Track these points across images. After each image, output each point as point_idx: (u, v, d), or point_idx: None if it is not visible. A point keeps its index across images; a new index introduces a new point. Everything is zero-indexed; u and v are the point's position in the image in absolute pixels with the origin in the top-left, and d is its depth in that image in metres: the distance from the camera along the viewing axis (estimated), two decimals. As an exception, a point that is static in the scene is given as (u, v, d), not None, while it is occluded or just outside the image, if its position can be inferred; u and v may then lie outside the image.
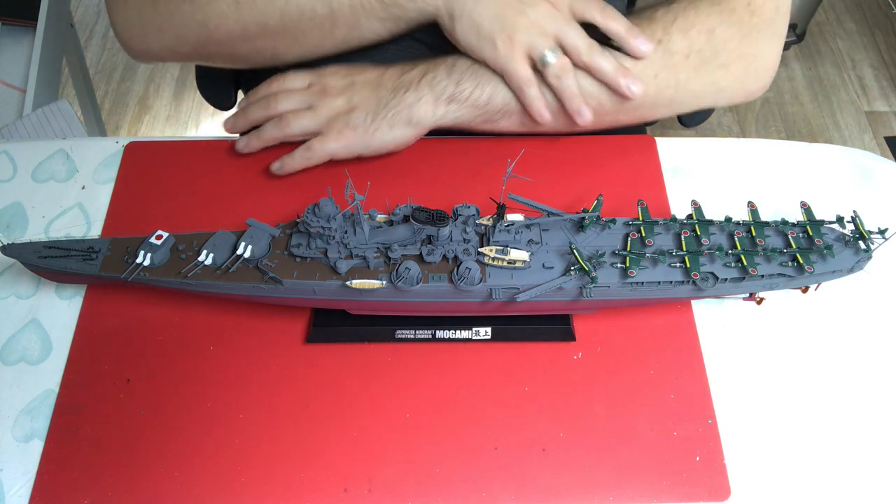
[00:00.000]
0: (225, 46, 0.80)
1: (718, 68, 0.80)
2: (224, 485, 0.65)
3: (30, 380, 0.70)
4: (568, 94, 0.76)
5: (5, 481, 0.65)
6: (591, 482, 0.65)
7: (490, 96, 0.78)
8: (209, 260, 0.67)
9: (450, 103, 0.78)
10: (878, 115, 2.23)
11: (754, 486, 0.65)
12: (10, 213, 0.82)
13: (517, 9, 0.74)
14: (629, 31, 0.77)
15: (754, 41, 0.81)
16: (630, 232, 0.70)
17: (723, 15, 0.79)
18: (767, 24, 0.81)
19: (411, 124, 0.78)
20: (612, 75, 0.76)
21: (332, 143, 0.78)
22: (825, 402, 0.70)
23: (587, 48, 0.75)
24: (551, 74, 0.75)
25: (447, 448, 0.66)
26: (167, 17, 0.79)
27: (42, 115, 1.24)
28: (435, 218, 0.65)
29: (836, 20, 2.50)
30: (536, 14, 0.74)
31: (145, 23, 0.80)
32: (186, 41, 0.81)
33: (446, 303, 0.68)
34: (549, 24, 0.75)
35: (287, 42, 0.79)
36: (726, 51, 0.80)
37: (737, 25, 0.80)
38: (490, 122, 0.80)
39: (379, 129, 0.78)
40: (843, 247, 0.71)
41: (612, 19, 0.77)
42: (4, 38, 1.38)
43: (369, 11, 0.76)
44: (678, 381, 0.70)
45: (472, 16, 0.74)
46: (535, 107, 0.77)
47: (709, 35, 0.79)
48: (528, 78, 0.76)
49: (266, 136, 0.82)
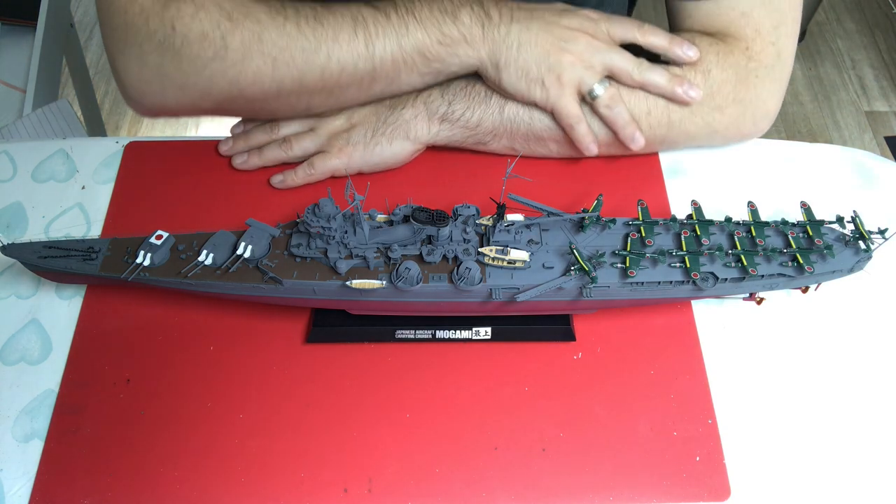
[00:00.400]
0: (256, 103, 0.77)
1: (713, 110, 0.79)
2: (224, 485, 0.65)
3: (30, 380, 0.70)
4: (620, 123, 0.77)
5: (5, 481, 0.65)
6: (591, 482, 0.65)
7: (480, 119, 0.79)
8: (209, 260, 0.67)
9: (442, 122, 0.79)
10: (878, 115, 2.23)
11: (754, 486, 0.65)
12: (10, 213, 0.82)
13: (560, 47, 0.74)
14: (672, 41, 0.77)
15: (752, 86, 0.79)
16: (630, 232, 0.70)
17: (720, 56, 0.78)
18: (767, 69, 0.79)
19: (409, 139, 0.79)
20: (668, 86, 0.76)
21: (333, 160, 0.79)
22: (825, 402, 0.70)
23: (637, 67, 0.76)
24: (602, 105, 0.76)
25: (447, 448, 0.66)
26: (193, 75, 0.73)
27: (42, 115, 1.24)
28: (435, 218, 0.65)
29: (836, 20, 2.50)
30: (579, 48, 0.74)
31: (165, 80, 0.74)
32: (212, 98, 0.76)
33: (446, 303, 0.68)
34: (593, 56, 0.75)
35: (322, 97, 0.77)
36: (721, 93, 0.78)
37: (733, 68, 0.78)
38: (481, 143, 0.82)
39: (379, 144, 0.79)
40: (843, 247, 0.71)
41: (652, 35, 0.77)
42: (4, 38, 1.38)
43: (411, 66, 0.75)
44: (678, 381, 0.70)
45: (517, 63, 0.74)
46: (585, 142, 0.78)
47: (704, 76, 0.78)
48: (578, 115, 0.77)
49: (268, 157, 0.82)
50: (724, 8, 0.78)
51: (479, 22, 0.73)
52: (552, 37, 0.74)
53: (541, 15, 0.75)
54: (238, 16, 0.72)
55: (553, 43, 0.74)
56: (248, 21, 0.72)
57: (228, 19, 0.71)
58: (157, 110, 0.80)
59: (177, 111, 0.79)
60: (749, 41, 0.79)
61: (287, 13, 0.72)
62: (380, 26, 0.72)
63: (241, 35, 0.71)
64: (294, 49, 0.72)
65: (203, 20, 0.71)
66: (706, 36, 0.80)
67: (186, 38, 0.72)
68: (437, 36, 0.73)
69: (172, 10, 0.72)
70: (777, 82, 0.81)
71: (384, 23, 0.73)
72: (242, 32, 0.71)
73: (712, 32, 0.80)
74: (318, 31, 0.72)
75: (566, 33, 0.75)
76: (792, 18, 0.80)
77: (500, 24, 0.74)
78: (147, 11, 0.73)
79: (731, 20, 0.79)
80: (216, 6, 0.72)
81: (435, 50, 0.73)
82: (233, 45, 0.71)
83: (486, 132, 0.80)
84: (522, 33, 0.74)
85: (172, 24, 0.72)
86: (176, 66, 0.73)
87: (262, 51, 0.72)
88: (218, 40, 0.71)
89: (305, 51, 0.72)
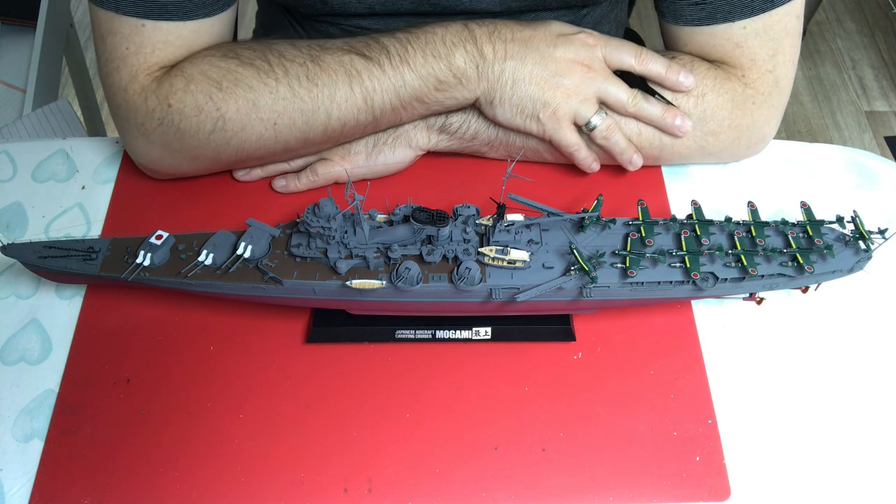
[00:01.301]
0: (266, 160, 0.79)
1: (707, 134, 0.79)
2: (224, 485, 0.64)
3: (30, 380, 0.70)
4: (618, 151, 0.78)
5: (5, 481, 0.65)
6: (591, 482, 0.65)
7: (476, 132, 0.79)
8: (209, 260, 0.67)
9: (440, 133, 0.80)
10: (878, 115, 2.23)
11: (754, 486, 0.65)
12: (10, 213, 0.82)
13: (554, 83, 0.74)
14: (669, 69, 0.76)
15: (748, 112, 0.79)
16: (630, 232, 0.70)
17: (717, 81, 0.77)
18: (764, 97, 0.79)
19: (411, 147, 0.80)
20: (661, 118, 0.76)
21: (336, 167, 0.80)
22: (825, 402, 0.70)
23: (632, 99, 0.75)
24: (599, 137, 0.76)
25: (447, 448, 0.66)
26: (199, 147, 0.74)
27: (42, 115, 1.24)
28: (435, 218, 0.65)
29: (836, 20, 2.50)
30: (573, 82, 0.74)
31: (174, 154, 0.76)
32: (223, 162, 0.78)
33: (446, 303, 0.68)
34: (588, 88, 0.74)
35: (330, 145, 0.78)
36: (716, 119, 0.78)
37: (729, 94, 0.77)
38: (478, 152, 0.83)
39: (381, 153, 0.80)
40: (843, 247, 0.71)
41: (650, 62, 0.76)
42: (4, 38, 1.38)
43: (410, 111, 0.75)
44: (678, 381, 0.70)
45: (512, 101, 0.74)
46: (587, 165, 0.79)
47: (699, 99, 0.77)
48: (578, 143, 0.77)
49: (270, 167, 0.82)
50: (718, 38, 0.78)
51: (474, 63, 0.73)
52: (547, 72, 0.74)
53: (535, 46, 0.74)
54: (227, 84, 0.71)
55: (547, 79, 0.74)
56: (240, 88, 0.71)
57: (219, 89, 0.71)
58: (176, 175, 0.81)
59: (195, 173, 0.81)
60: (745, 70, 0.78)
61: (277, 74, 0.72)
62: (375, 80, 0.72)
63: (235, 104, 0.71)
64: (293, 112, 0.72)
65: (195, 93, 0.71)
66: (704, 61, 0.79)
67: (182, 112, 0.72)
68: (433, 83, 0.73)
69: (166, 86, 0.72)
70: (774, 108, 0.81)
71: (379, 76, 0.72)
72: (237, 101, 0.71)
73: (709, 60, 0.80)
74: (314, 92, 0.72)
75: (561, 66, 0.74)
76: (790, 45, 0.78)
77: (495, 62, 0.73)
78: (146, 90, 0.73)
79: (726, 51, 0.78)
80: (204, 77, 0.72)
81: (432, 96, 0.74)
82: (229, 115, 0.72)
83: (482, 143, 0.81)
84: (517, 70, 0.73)
85: (168, 100, 0.72)
86: (180, 141, 0.74)
87: (260, 117, 0.72)
88: (213, 112, 0.71)
89: (304, 112, 0.72)
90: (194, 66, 0.73)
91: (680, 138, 0.78)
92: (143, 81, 0.73)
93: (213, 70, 0.72)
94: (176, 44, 0.74)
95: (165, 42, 0.74)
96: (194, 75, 0.72)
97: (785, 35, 0.78)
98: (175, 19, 0.73)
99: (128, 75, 0.74)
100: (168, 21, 0.73)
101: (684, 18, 0.78)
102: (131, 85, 0.74)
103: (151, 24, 0.73)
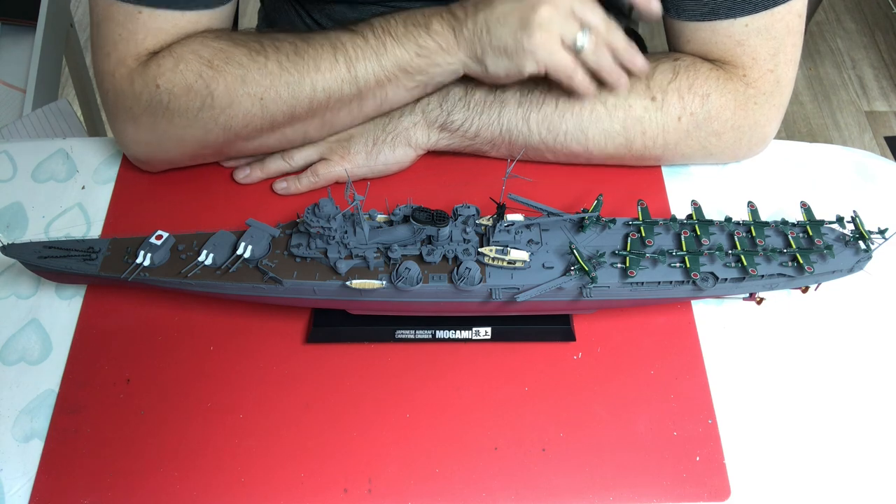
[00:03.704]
0: (253, 141, 0.78)
1: (710, 135, 0.79)
2: (224, 485, 0.65)
3: (30, 380, 0.70)
4: (607, 69, 0.75)
5: (5, 481, 0.65)
6: (591, 482, 0.65)
7: (478, 129, 0.79)
8: (209, 260, 0.67)
9: (441, 131, 0.80)
10: (878, 115, 2.23)
11: (754, 486, 0.65)
12: (10, 213, 0.82)
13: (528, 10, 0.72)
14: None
15: (751, 112, 0.79)
16: (630, 232, 0.70)
17: (720, 81, 0.78)
18: (766, 96, 0.79)
19: (411, 146, 0.80)
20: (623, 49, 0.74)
21: (336, 167, 0.80)
22: (825, 402, 0.70)
23: (606, 25, 0.73)
24: (589, 57, 0.73)
25: (447, 448, 0.66)
26: (187, 127, 0.74)
27: (42, 115, 1.24)
28: (435, 218, 0.65)
29: (836, 20, 2.50)
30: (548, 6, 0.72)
31: (161, 137, 0.76)
32: (210, 145, 0.77)
33: (446, 303, 0.68)
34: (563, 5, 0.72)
35: (316, 124, 0.77)
36: (720, 119, 0.78)
37: (732, 94, 0.78)
38: (479, 151, 0.82)
39: (381, 152, 0.80)
40: (843, 247, 0.71)
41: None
42: (4, 38, 1.38)
43: (395, 83, 0.75)
44: (678, 381, 0.70)
45: (493, 45, 0.73)
46: (583, 88, 0.75)
47: (703, 100, 0.77)
48: (573, 65, 0.74)
49: (270, 168, 0.82)
50: (720, 36, 0.78)
51: (450, 26, 0.73)
52: (518, 5, 0.72)
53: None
54: (218, 62, 0.72)
55: (521, 11, 0.71)
56: (230, 66, 0.72)
57: (209, 67, 0.72)
58: (163, 165, 0.82)
59: (181, 161, 0.81)
60: (746, 69, 0.78)
61: (267, 52, 0.73)
62: (359, 49, 0.73)
63: (224, 81, 0.72)
64: (279, 85, 0.72)
65: (185, 72, 0.72)
66: (706, 61, 0.79)
67: (172, 92, 0.72)
68: (415, 49, 0.73)
69: (153, 67, 0.72)
70: (776, 108, 0.81)
71: (363, 45, 0.73)
72: (226, 78, 0.72)
73: (711, 59, 0.80)
74: (300, 65, 0.72)
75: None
76: (791, 44, 0.78)
77: (467, 19, 0.73)
78: (132, 73, 0.73)
79: (728, 48, 0.78)
80: (195, 56, 0.72)
81: (415, 63, 0.74)
82: (218, 91, 0.72)
83: (484, 142, 0.80)
84: (489, 17, 0.72)
85: (156, 81, 0.72)
86: (168, 121, 0.74)
87: (248, 92, 0.72)
88: (203, 89, 0.72)
89: (290, 84, 0.72)
90: (185, 47, 0.73)
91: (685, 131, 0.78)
92: (131, 65, 0.74)
93: (205, 49, 0.73)
94: (171, 33, 0.74)
95: (159, 29, 0.74)
96: (185, 55, 0.72)
97: (787, 33, 0.78)
98: (173, 8, 0.74)
99: (116, 60, 0.74)
100: (165, 10, 0.73)
101: (687, 13, 0.78)
102: (118, 69, 0.74)
103: (148, 12, 0.73)
